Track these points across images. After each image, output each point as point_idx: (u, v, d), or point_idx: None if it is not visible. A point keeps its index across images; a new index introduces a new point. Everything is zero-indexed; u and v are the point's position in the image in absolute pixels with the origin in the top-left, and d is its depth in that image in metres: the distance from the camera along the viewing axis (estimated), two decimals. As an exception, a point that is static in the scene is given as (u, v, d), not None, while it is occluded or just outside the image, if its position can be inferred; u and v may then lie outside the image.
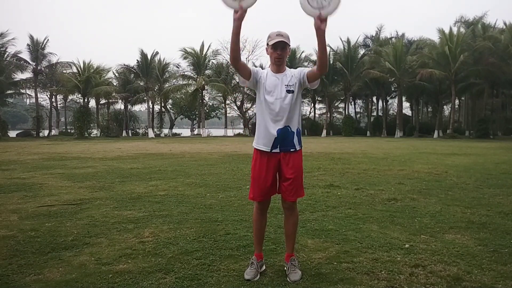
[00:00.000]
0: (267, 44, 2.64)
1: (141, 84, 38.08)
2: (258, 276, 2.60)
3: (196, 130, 43.93)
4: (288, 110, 2.62)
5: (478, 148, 16.48)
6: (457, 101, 39.17)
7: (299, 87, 2.68)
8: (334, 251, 3.09)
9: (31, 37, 35.31)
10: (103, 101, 42.15)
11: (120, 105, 44.64)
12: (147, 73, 36.78)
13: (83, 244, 3.27)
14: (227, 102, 41.60)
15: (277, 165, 2.67)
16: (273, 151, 2.65)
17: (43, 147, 18.19)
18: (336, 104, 47.21)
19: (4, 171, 8.30)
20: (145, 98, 38.77)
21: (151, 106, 39.86)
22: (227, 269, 2.73)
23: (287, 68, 2.76)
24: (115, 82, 40.28)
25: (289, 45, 2.62)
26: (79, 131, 31.50)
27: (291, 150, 2.67)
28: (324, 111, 45.36)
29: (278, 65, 2.67)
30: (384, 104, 42.02)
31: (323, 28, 2.37)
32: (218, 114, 49.22)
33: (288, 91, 2.64)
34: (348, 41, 37.67)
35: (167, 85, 39.14)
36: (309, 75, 2.64)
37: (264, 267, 2.73)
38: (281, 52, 2.62)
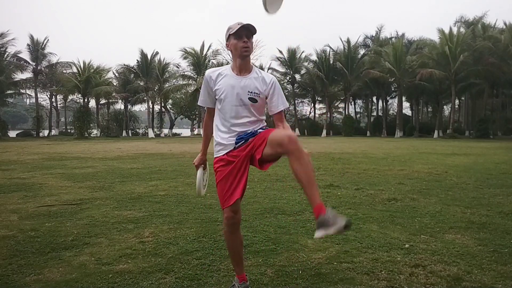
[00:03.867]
0: (228, 37, 2.22)
1: (141, 84, 38.14)
2: None
3: (196, 130, 43.94)
4: (248, 121, 2.24)
5: (478, 148, 16.48)
6: (457, 101, 39.21)
7: (264, 101, 2.27)
8: (334, 251, 3.09)
9: (31, 37, 35.42)
10: (103, 101, 42.23)
11: (120, 105, 44.79)
12: (147, 73, 36.81)
13: (83, 244, 3.27)
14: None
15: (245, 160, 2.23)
16: (237, 146, 2.25)
17: (43, 147, 18.19)
18: (336, 104, 47.27)
19: (4, 171, 8.30)
20: (145, 98, 38.81)
21: (151, 106, 39.88)
22: (227, 269, 2.73)
23: (255, 68, 2.32)
24: (115, 82, 40.35)
25: (254, 35, 2.20)
26: (79, 131, 31.53)
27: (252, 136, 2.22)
28: (324, 111, 45.41)
29: (243, 58, 2.21)
30: (384, 104, 42.06)
31: None
32: (218, 114, 49.14)
33: (251, 99, 2.22)
34: (348, 41, 37.72)
35: (167, 85, 39.19)
36: (272, 113, 2.31)
37: None
38: (248, 40, 2.17)
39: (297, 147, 1.93)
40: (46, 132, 38.83)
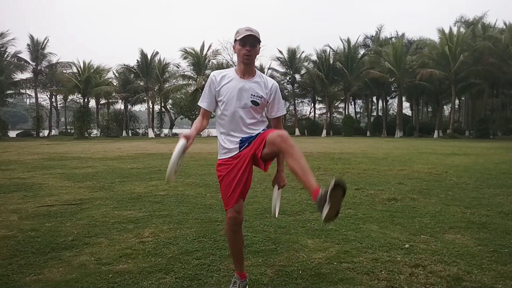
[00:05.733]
0: (235, 41, 2.30)
1: (141, 84, 38.12)
2: None
3: (196, 130, 43.81)
4: (250, 123, 2.32)
5: (478, 148, 16.48)
6: (457, 101, 39.20)
7: (265, 104, 2.36)
8: (334, 251, 3.09)
9: (31, 37, 35.39)
10: (103, 101, 42.19)
11: (120, 105, 44.75)
12: (147, 73, 36.80)
13: (83, 244, 3.27)
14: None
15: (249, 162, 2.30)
16: (242, 150, 2.32)
17: (43, 147, 18.19)
18: (336, 104, 47.24)
19: (4, 171, 8.30)
20: (145, 98, 38.79)
21: (151, 106, 39.86)
22: (227, 269, 2.73)
23: (258, 72, 2.39)
24: (115, 82, 40.32)
25: (260, 43, 2.30)
26: (79, 131, 31.53)
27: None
28: (324, 111, 45.40)
29: (246, 65, 2.30)
30: (384, 104, 42.03)
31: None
32: (218, 114, 49.15)
33: (253, 102, 2.30)
34: (348, 41, 37.69)
35: (167, 85, 39.14)
36: (270, 116, 2.45)
37: None
38: (250, 49, 2.26)
39: (287, 144, 2.08)
40: (46, 132, 38.82)
